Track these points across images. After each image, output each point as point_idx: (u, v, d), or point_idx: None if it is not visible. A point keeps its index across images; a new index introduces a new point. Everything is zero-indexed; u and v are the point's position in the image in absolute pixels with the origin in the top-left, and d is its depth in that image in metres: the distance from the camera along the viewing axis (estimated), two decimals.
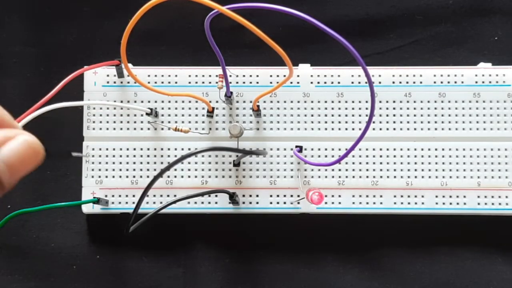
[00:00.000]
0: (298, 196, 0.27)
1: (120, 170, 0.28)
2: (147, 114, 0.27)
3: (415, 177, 0.27)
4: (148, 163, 0.28)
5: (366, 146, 0.28)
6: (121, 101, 0.28)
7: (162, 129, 0.28)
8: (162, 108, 0.28)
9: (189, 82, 0.28)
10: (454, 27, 0.30)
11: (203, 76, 0.28)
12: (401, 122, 0.28)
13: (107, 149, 0.28)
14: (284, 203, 0.27)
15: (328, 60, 0.30)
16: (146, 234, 0.28)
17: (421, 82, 0.28)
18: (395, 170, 0.28)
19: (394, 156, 0.28)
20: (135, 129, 0.28)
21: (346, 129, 0.28)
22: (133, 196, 0.28)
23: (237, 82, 0.28)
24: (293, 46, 0.18)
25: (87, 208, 0.27)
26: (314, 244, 0.29)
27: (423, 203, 0.27)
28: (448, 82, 0.28)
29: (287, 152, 0.28)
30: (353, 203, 0.27)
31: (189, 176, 0.28)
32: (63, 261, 0.29)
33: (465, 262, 0.28)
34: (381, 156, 0.28)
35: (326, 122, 0.28)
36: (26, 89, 0.30)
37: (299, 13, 0.18)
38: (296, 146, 0.28)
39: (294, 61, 0.20)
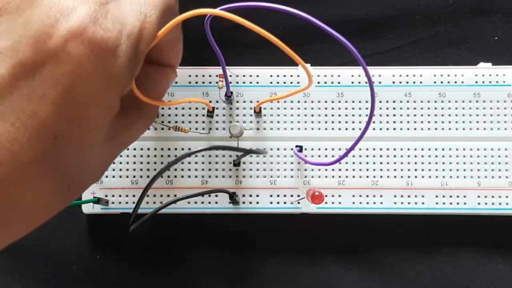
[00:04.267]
0: (298, 196, 0.27)
1: (120, 170, 0.28)
2: None
3: (415, 177, 0.27)
4: (148, 163, 0.28)
5: (366, 146, 0.28)
6: None
7: (162, 129, 0.28)
8: (162, 108, 0.28)
9: (189, 82, 0.28)
10: (454, 27, 0.30)
11: (203, 76, 0.28)
12: (401, 122, 0.28)
13: None
14: (284, 203, 0.27)
15: (328, 60, 0.30)
16: (146, 234, 0.28)
17: (421, 82, 0.28)
18: (395, 170, 0.28)
19: (394, 156, 0.28)
20: None
21: (346, 129, 0.28)
22: (133, 196, 0.28)
23: (237, 82, 0.28)
24: (293, 46, 0.18)
25: (87, 208, 0.27)
26: (314, 244, 0.29)
27: (423, 203, 0.27)
28: (448, 82, 0.28)
29: (287, 152, 0.28)
30: (353, 203, 0.27)
31: (189, 176, 0.28)
32: (63, 261, 0.29)
33: (465, 262, 0.28)
34: (381, 156, 0.28)
35: (326, 122, 0.28)
36: None
37: (301, 13, 0.18)
38: (296, 146, 0.28)
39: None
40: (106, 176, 0.28)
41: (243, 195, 0.27)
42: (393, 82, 0.28)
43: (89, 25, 0.16)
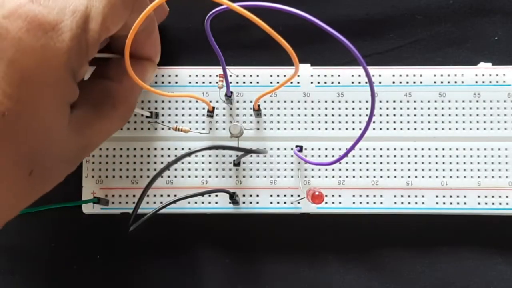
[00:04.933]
0: (298, 196, 0.27)
1: (120, 170, 0.28)
2: (147, 117, 0.28)
3: (415, 177, 0.27)
4: (148, 163, 0.28)
5: (366, 146, 0.28)
6: None
7: (162, 129, 0.28)
8: (162, 108, 0.28)
9: (189, 82, 0.28)
10: (454, 27, 0.30)
11: (203, 76, 0.28)
12: (401, 122, 0.28)
13: (107, 149, 0.28)
14: (285, 203, 0.27)
15: (328, 60, 0.30)
16: (146, 234, 0.28)
17: (421, 82, 0.28)
18: (395, 170, 0.28)
19: (394, 156, 0.28)
20: (135, 129, 0.28)
21: (346, 129, 0.28)
22: (133, 196, 0.28)
23: (237, 82, 0.28)
24: (293, 46, 0.18)
25: (87, 208, 0.27)
26: (314, 244, 0.29)
27: (423, 203, 0.27)
28: (448, 82, 0.28)
29: (287, 152, 0.28)
30: (353, 203, 0.27)
31: (189, 176, 0.28)
32: (63, 261, 0.29)
33: (465, 262, 0.28)
34: (381, 156, 0.28)
35: (326, 122, 0.28)
36: None
37: (301, 12, 0.18)
38: (296, 146, 0.28)
39: None
40: (106, 176, 0.28)
41: (243, 195, 0.27)
42: (393, 82, 0.28)
43: (27, 3, 0.17)
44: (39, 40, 0.17)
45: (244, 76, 0.28)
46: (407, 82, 0.28)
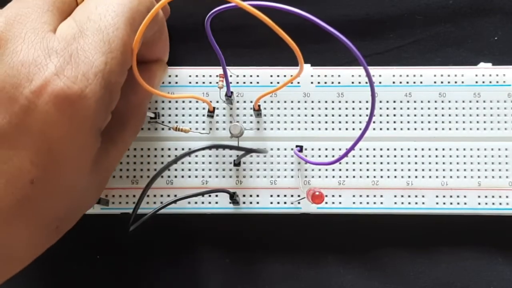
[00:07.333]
0: (299, 196, 0.27)
1: (120, 170, 0.28)
2: (151, 118, 0.28)
3: (416, 177, 0.27)
4: (148, 163, 0.28)
5: (366, 146, 0.28)
6: None
7: (163, 129, 0.28)
8: (163, 108, 0.28)
9: (189, 82, 0.28)
10: (454, 27, 0.30)
11: (203, 76, 0.28)
12: (401, 122, 0.28)
13: None
14: (285, 203, 0.27)
15: (328, 60, 0.30)
16: (146, 234, 0.28)
17: (421, 82, 0.28)
18: (395, 170, 0.28)
19: (395, 156, 0.28)
20: None
21: (347, 129, 0.28)
22: (133, 196, 0.28)
23: (237, 82, 0.28)
24: None
25: None
26: (314, 244, 0.29)
27: (423, 203, 0.27)
28: (448, 82, 0.28)
29: (288, 152, 0.28)
30: (354, 203, 0.27)
31: (189, 176, 0.28)
32: (63, 261, 0.29)
33: (465, 262, 0.28)
34: (381, 156, 0.28)
35: (326, 122, 0.28)
36: None
37: (301, 12, 0.18)
38: (297, 146, 0.28)
39: (295, 61, 0.20)
40: None
41: (244, 195, 0.27)
42: (393, 82, 0.28)
43: (53, 77, 0.18)
44: (66, 112, 0.18)
45: (244, 76, 0.28)
46: (407, 82, 0.28)
